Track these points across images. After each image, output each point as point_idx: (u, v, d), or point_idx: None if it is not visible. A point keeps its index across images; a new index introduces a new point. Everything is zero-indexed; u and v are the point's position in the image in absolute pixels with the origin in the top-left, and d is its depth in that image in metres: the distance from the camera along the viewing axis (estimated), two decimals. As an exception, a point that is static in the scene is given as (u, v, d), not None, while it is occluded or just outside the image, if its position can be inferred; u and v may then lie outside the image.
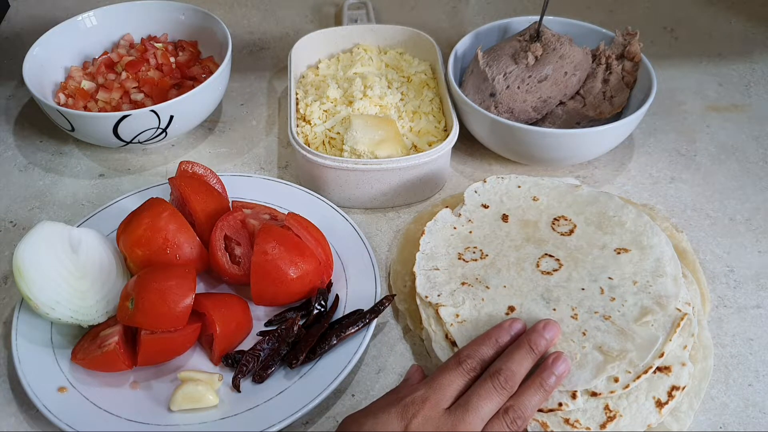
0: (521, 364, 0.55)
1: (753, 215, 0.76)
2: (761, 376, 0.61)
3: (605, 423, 0.55)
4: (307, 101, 0.82)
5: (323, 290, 0.65)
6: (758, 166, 0.82)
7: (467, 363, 0.55)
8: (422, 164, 0.73)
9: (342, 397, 0.61)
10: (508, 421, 0.52)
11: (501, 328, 0.58)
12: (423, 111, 0.81)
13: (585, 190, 0.70)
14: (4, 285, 0.69)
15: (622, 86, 0.79)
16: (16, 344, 0.60)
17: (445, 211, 0.70)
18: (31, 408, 0.59)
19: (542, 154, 0.76)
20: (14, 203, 0.78)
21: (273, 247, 0.62)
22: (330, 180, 0.74)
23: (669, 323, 0.58)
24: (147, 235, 0.63)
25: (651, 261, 0.63)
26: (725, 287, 0.68)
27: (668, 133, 0.86)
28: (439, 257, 0.66)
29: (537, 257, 0.65)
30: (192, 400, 0.57)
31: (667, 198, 0.78)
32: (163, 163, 0.82)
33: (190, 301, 0.58)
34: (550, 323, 0.57)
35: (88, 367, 0.59)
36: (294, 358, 0.60)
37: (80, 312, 0.60)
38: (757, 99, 0.91)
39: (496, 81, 0.77)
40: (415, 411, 0.51)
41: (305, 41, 0.87)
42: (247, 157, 0.83)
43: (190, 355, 0.62)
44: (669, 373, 0.57)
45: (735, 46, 1.00)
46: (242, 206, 0.70)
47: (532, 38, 0.78)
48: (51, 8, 1.08)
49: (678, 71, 0.95)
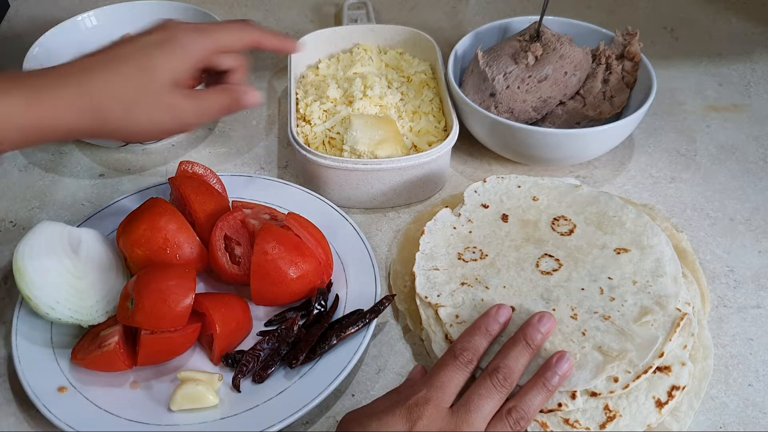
0: (518, 360, 0.55)
1: (753, 215, 0.76)
2: (761, 376, 0.61)
3: (605, 423, 0.55)
4: (307, 101, 0.82)
5: (323, 290, 0.65)
6: (758, 166, 0.82)
7: (463, 356, 0.55)
8: (422, 164, 0.73)
9: (342, 397, 0.61)
10: (511, 422, 0.52)
11: (488, 316, 0.58)
12: (423, 111, 0.81)
13: (585, 190, 0.70)
14: (4, 285, 0.69)
15: (622, 86, 0.79)
16: (16, 344, 0.60)
17: (445, 211, 0.70)
18: (31, 408, 0.59)
19: (542, 154, 0.76)
20: (14, 203, 0.78)
21: (273, 247, 0.62)
22: (330, 180, 0.74)
23: (669, 323, 0.58)
24: (147, 235, 0.63)
25: (651, 261, 0.63)
26: (725, 287, 0.68)
27: (668, 133, 0.86)
28: (438, 257, 0.66)
29: (537, 257, 0.65)
30: (192, 400, 0.57)
31: (667, 198, 0.78)
32: (163, 163, 0.82)
33: (190, 301, 0.58)
34: (545, 316, 0.57)
35: (88, 367, 0.59)
36: (294, 358, 0.60)
37: (80, 312, 0.60)
38: (757, 99, 0.91)
39: (496, 81, 0.77)
40: (420, 413, 0.51)
41: (305, 41, 0.87)
42: (247, 157, 0.83)
43: (190, 355, 0.62)
44: (669, 373, 0.57)
45: (735, 46, 1.00)
46: (242, 206, 0.70)
47: (532, 38, 0.78)
48: (51, 8, 1.08)
49: (678, 71, 0.95)
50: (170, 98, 0.55)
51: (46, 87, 0.51)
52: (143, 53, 0.54)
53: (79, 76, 0.53)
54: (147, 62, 0.54)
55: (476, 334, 0.57)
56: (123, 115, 0.53)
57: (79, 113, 0.52)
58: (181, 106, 0.55)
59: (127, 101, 0.53)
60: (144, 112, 0.54)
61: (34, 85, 0.51)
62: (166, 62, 0.54)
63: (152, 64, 0.54)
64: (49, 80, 0.52)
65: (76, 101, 0.52)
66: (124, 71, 0.53)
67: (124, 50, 0.55)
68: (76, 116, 0.52)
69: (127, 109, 0.53)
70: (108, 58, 0.54)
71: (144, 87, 0.54)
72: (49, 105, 0.51)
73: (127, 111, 0.53)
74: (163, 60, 0.54)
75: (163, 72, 0.54)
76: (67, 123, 0.52)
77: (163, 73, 0.54)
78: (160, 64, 0.54)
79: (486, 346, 0.57)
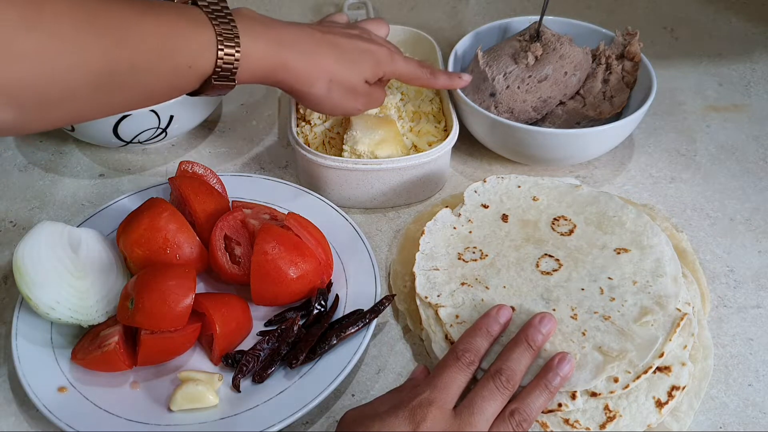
0: (520, 361, 0.55)
1: (753, 215, 0.76)
2: (761, 376, 0.61)
3: (605, 423, 0.55)
4: (307, 101, 0.81)
5: (323, 290, 0.65)
6: (758, 166, 0.82)
7: (465, 357, 0.55)
8: (422, 164, 0.73)
9: (342, 397, 0.61)
10: (514, 423, 0.52)
11: (489, 317, 0.58)
12: (423, 111, 0.81)
13: (585, 190, 0.70)
14: (4, 285, 0.69)
15: (622, 86, 0.79)
16: (16, 344, 0.60)
17: (444, 211, 0.70)
18: (31, 408, 0.59)
19: (542, 154, 0.76)
20: (14, 203, 0.78)
21: (273, 247, 0.62)
22: (330, 180, 0.74)
23: (669, 323, 0.58)
24: (147, 235, 0.63)
25: (651, 261, 0.63)
26: (725, 287, 0.68)
27: (668, 133, 0.86)
28: (438, 257, 0.66)
29: (537, 257, 0.65)
30: (192, 400, 0.57)
31: (667, 198, 0.78)
32: (163, 163, 0.82)
33: (190, 301, 0.58)
34: (545, 317, 0.58)
35: (88, 367, 0.59)
36: (294, 358, 0.60)
37: (80, 312, 0.60)
38: (757, 99, 0.91)
39: (496, 81, 0.77)
40: (423, 414, 0.51)
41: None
42: (247, 157, 0.83)
43: (190, 355, 0.62)
44: (669, 373, 0.57)
45: (735, 46, 1.00)
46: (242, 206, 0.70)
47: (532, 38, 0.78)
48: (51, 8, 1.07)
49: (678, 71, 0.95)
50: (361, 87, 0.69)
51: (285, 44, 0.62)
52: (357, 56, 0.67)
53: (311, 45, 0.64)
54: (358, 64, 0.67)
55: (477, 335, 0.57)
56: (326, 87, 0.66)
57: (294, 72, 0.63)
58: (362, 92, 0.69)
59: (332, 80, 0.66)
60: (335, 92, 0.67)
61: (276, 39, 0.61)
62: (366, 69, 0.68)
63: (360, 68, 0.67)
64: (286, 37, 0.63)
65: (306, 62, 0.63)
66: (342, 60, 0.66)
67: (345, 45, 0.67)
68: (294, 74, 0.63)
69: (330, 84, 0.66)
70: (334, 43, 0.66)
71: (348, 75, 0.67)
72: (284, 57, 0.62)
73: (330, 85, 0.66)
74: (364, 66, 0.68)
75: (364, 73, 0.68)
76: (284, 77, 0.63)
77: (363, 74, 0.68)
78: (364, 70, 0.68)
79: (487, 347, 0.57)
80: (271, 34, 0.61)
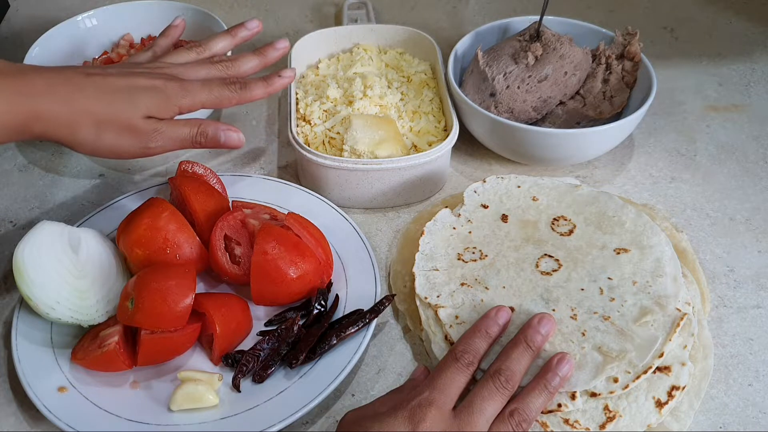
0: (520, 362, 0.55)
1: (753, 215, 0.76)
2: (761, 376, 0.61)
3: (605, 423, 0.55)
4: (307, 101, 0.82)
5: (323, 290, 0.65)
6: (758, 166, 0.82)
7: (465, 358, 0.55)
8: (422, 164, 0.73)
9: (342, 397, 0.61)
10: (513, 424, 0.52)
11: (488, 318, 0.59)
12: (423, 111, 0.81)
13: (585, 190, 0.70)
14: (4, 285, 0.69)
15: (622, 86, 0.79)
16: (16, 344, 0.60)
17: (444, 212, 0.70)
18: (31, 408, 0.59)
19: (542, 154, 0.76)
20: (14, 203, 0.78)
21: (273, 247, 0.62)
22: (330, 180, 0.74)
23: (669, 323, 0.58)
24: (147, 235, 0.63)
25: (651, 261, 0.63)
26: (725, 287, 0.68)
27: (668, 133, 0.86)
28: (438, 258, 0.66)
29: (536, 257, 0.65)
30: (192, 400, 0.57)
31: (667, 198, 0.78)
32: (163, 163, 0.82)
33: (190, 301, 0.58)
34: (545, 317, 0.58)
35: (88, 367, 0.59)
36: (294, 358, 0.60)
37: (80, 312, 0.60)
38: (757, 99, 0.91)
39: (496, 81, 0.77)
40: (423, 415, 0.51)
41: (305, 41, 0.87)
42: (247, 157, 0.83)
43: (190, 355, 0.62)
44: (669, 373, 0.57)
45: (735, 46, 1.00)
46: (242, 206, 0.70)
47: (532, 38, 0.78)
48: (51, 8, 1.08)
49: (678, 71, 0.95)
50: (142, 123, 0.63)
51: (35, 94, 0.59)
52: (130, 93, 0.62)
53: (70, 89, 0.61)
54: (132, 100, 0.62)
55: (476, 336, 0.57)
56: (94, 131, 0.61)
57: (53, 121, 0.60)
58: (145, 129, 0.63)
59: (100, 122, 0.61)
60: (107, 134, 0.62)
61: (24, 90, 0.59)
62: (145, 105, 0.63)
63: (136, 104, 0.62)
64: (39, 85, 0.59)
65: (63, 108, 0.60)
66: (109, 99, 0.62)
67: (115, 83, 0.63)
68: (52, 124, 0.60)
69: (98, 127, 0.61)
70: (99, 84, 0.62)
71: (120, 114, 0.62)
72: (36, 107, 0.59)
73: (98, 128, 0.62)
74: (141, 102, 0.63)
75: (142, 110, 0.63)
76: (42, 128, 0.60)
77: (142, 110, 0.63)
78: (143, 106, 0.63)
79: (486, 348, 0.57)
80: (18, 85, 0.58)
